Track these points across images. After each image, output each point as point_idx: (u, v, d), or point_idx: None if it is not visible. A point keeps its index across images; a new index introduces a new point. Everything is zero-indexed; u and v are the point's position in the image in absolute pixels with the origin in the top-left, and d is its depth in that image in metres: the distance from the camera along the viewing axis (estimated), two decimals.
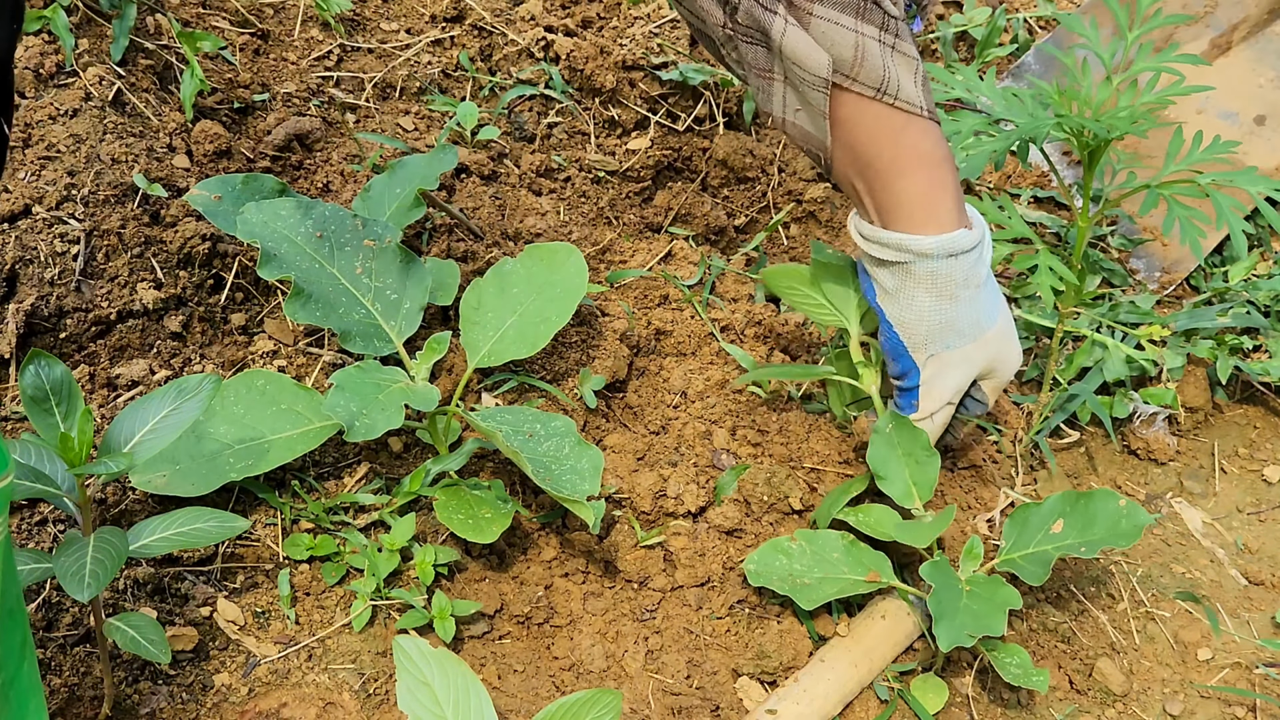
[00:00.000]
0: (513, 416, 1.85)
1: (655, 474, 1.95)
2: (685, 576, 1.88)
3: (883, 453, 1.89)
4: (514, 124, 2.43)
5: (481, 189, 2.28)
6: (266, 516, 1.80)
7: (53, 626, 1.62)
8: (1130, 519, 1.81)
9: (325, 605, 1.75)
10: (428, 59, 2.48)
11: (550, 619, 1.82)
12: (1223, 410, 2.24)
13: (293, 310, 1.80)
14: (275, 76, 2.34)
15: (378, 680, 1.69)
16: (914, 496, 1.89)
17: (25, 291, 1.81)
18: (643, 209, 2.39)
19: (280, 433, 1.78)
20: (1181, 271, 2.32)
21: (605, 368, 2.04)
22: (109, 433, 1.52)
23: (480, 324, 1.91)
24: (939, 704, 1.76)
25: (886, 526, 1.86)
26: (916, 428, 1.89)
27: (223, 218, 1.90)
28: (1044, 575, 1.77)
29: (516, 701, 1.70)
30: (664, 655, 1.80)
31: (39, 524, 1.70)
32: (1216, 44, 2.45)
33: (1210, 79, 2.31)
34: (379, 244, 1.88)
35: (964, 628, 1.69)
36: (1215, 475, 2.17)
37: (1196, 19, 2.50)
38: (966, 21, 2.67)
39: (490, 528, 1.74)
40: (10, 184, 1.86)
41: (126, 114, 2.04)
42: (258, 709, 1.62)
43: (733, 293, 2.29)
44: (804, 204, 2.45)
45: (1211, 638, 1.93)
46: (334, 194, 2.17)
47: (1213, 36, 2.48)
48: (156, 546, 1.53)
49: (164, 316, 1.91)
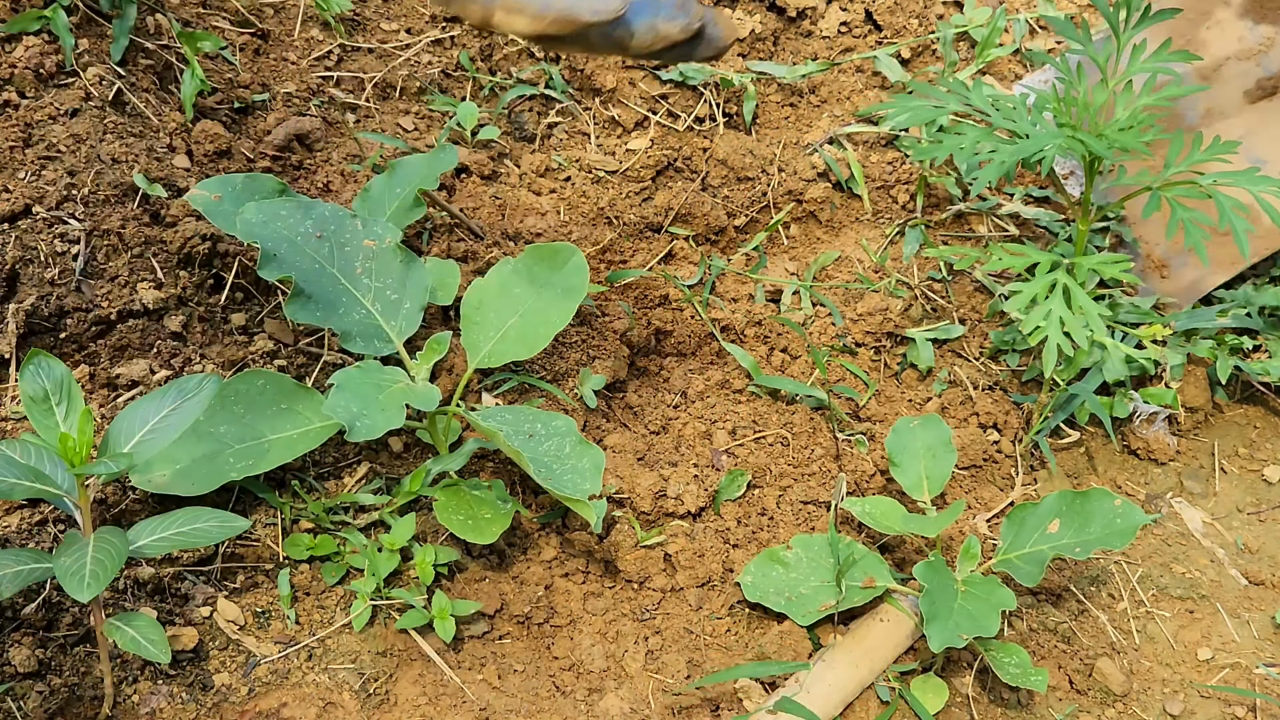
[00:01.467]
0: (513, 416, 1.85)
1: (655, 474, 1.95)
2: (685, 577, 1.88)
3: (903, 440, 1.94)
4: (514, 124, 2.43)
5: (482, 189, 2.28)
6: (266, 516, 1.80)
7: (53, 626, 1.62)
8: (1126, 518, 1.82)
9: (325, 605, 1.75)
10: (428, 59, 2.48)
11: (550, 619, 1.82)
12: (1223, 410, 2.24)
13: (293, 310, 1.80)
14: (275, 76, 2.34)
15: (378, 680, 1.69)
16: (924, 489, 1.90)
17: (25, 291, 1.81)
18: (643, 209, 2.39)
19: (280, 433, 1.78)
20: (1176, 306, 2.29)
21: (605, 368, 2.04)
22: (109, 433, 1.52)
23: (481, 324, 1.91)
24: (939, 704, 1.76)
25: (893, 519, 1.87)
26: (941, 422, 1.94)
27: (223, 218, 1.90)
28: (1039, 575, 1.77)
29: (516, 701, 1.70)
30: (664, 655, 1.80)
31: (39, 524, 1.70)
32: (1263, 85, 2.34)
33: (1249, 120, 2.26)
34: (379, 244, 1.89)
35: (957, 628, 1.69)
36: (1215, 475, 2.17)
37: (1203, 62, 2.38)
38: (966, 22, 2.67)
39: (490, 528, 1.74)
40: (10, 184, 1.86)
41: (126, 114, 2.04)
42: (258, 709, 1.62)
43: (733, 293, 2.29)
44: (804, 204, 2.45)
45: (1212, 638, 1.93)
46: (334, 194, 2.17)
47: (1260, 77, 2.34)
48: (156, 546, 1.53)
49: (164, 316, 1.91)
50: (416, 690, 1.68)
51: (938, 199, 2.44)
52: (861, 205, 2.45)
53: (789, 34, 2.68)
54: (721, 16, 1.68)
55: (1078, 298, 1.86)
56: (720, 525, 1.94)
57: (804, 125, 2.58)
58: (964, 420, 2.14)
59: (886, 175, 2.48)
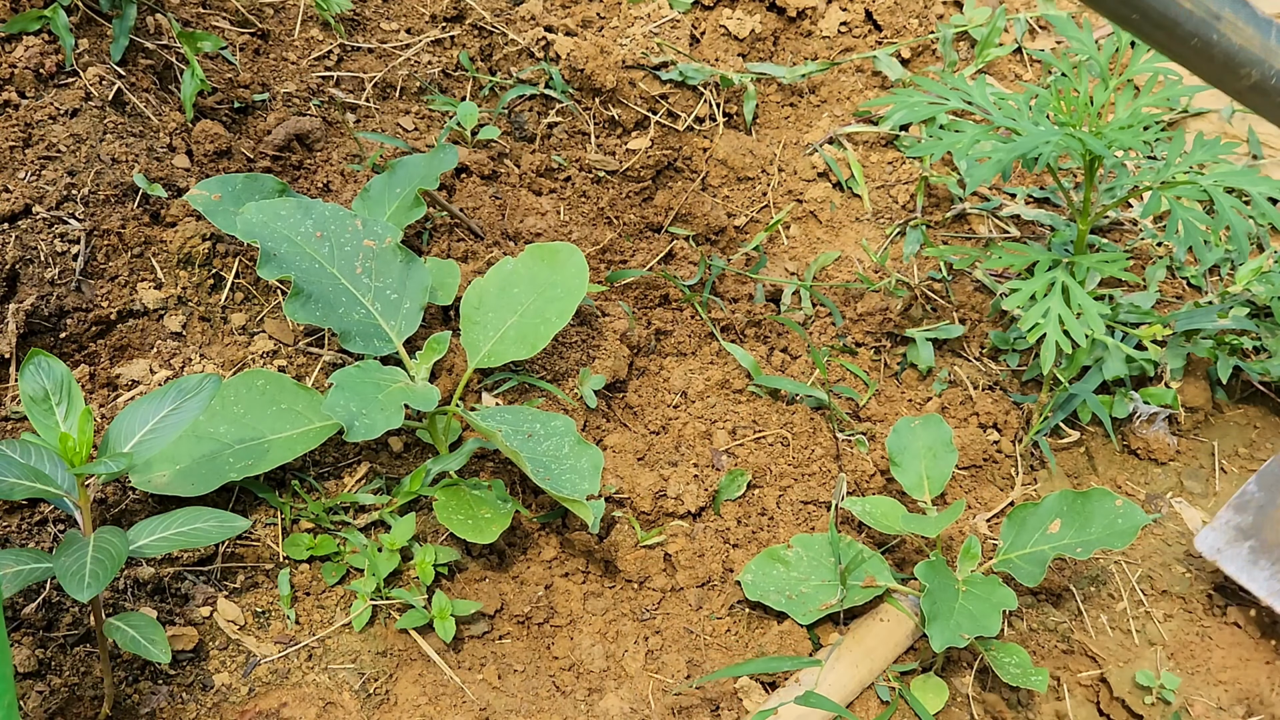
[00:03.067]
0: (513, 416, 1.85)
1: (655, 474, 1.95)
2: (685, 577, 1.88)
3: (903, 440, 1.94)
4: (514, 124, 2.43)
5: (481, 189, 2.28)
6: (266, 516, 1.80)
7: (53, 626, 1.62)
8: (1127, 518, 1.82)
9: (325, 605, 1.75)
10: (428, 59, 2.48)
11: (550, 619, 1.82)
12: (1223, 410, 2.24)
13: (293, 310, 1.80)
14: (275, 76, 2.34)
15: (378, 680, 1.69)
16: (925, 488, 1.91)
17: (26, 291, 1.81)
18: (643, 209, 2.39)
19: (280, 433, 1.78)
20: None
21: (605, 367, 2.04)
22: (109, 433, 1.52)
23: (480, 324, 1.91)
24: (939, 704, 1.76)
25: (893, 519, 1.87)
26: (942, 422, 1.94)
27: (223, 218, 1.90)
28: (1040, 575, 1.77)
29: (516, 701, 1.70)
30: (664, 655, 1.80)
31: (39, 524, 1.70)
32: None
33: None
34: (379, 244, 1.89)
35: (958, 628, 1.69)
36: (1215, 475, 2.17)
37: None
38: (966, 21, 2.67)
39: (490, 528, 1.74)
40: (10, 184, 1.86)
41: (126, 114, 2.04)
42: (258, 709, 1.62)
43: (733, 293, 2.29)
44: (804, 204, 2.45)
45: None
46: (334, 194, 2.17)
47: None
48: (156, 546, 1.53)
49: (164, 316, 1.91)
50: (416, 690, 1.68)
51: (938, 199, 2.44)
52: (861, 205, 2.45)
53: (789, 34, 2.68)
54: None
55: (1076, 296, 1.86)
56: (720, 525, 1.94)
57: (804, 125, 2.58)
58: (964, 420, 2.14)
59: (886, 175, 2.48)
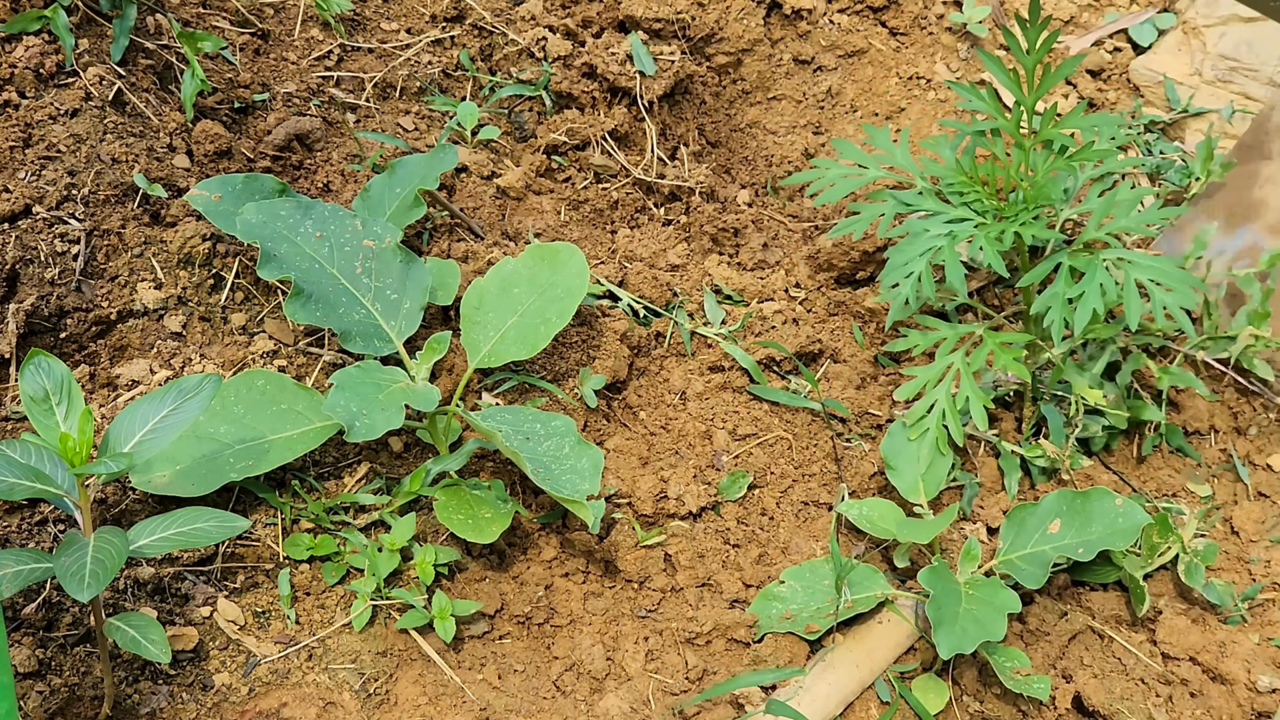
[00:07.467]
0: (513, 416, 1.85)
1: (655, 475, 1.95)
2: (685, 577, 1.88)
3: (897, 445, 1.93)
4: (514, 124, 2.43)
5: (482, 189, 2.28)
6: (266, 516, 1.80)
7: (53, 626, 1.62)
8: (1128, 518, 1.81)
9: (325, 605, 1.75)
10: (428, 59, 2.47)
11: (550, 619, 1.82)
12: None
13: (293, 310, 1.80)
14: (275, 76, 2.34)
15: (378, 680, 1.69)
16: (920, 492, 1.90)
17: (26, 291, 1.81)
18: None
19: (280, 433, 1.78)
20: None
21: (606, 368, 2.04)
22: (109, 433, 1.52)
23: (481, 324, 1.91)
24: (939, 704, 1.75)
25: (889, 523, 1.87)
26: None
27: (223, 218, 1.90)
28: (1043, 577, 1.77)
29: (516, 701, 1.70)
30: (664, 655, 1.80)
31: (39, 524, 1.70)
32: None
33: None
34: (379, 244, 1.89)
35: (964, 634, 1.68)
36: (1215, 475, 2.17)
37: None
38: (966, 20, 2.67)
39: (490, 528, 1.74)
40: (10, 184, 1.86)
41: (127, 114, 2.04)
42: (258, 709, 1.62)
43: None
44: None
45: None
46: (334, 194, 2.17)
47: None
48: (156, 546, 1.53)
49: (164, 316, 1.91)
50: (416, 690, 1.68)
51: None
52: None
53: (789, 35, 2.68)
54: None
55: (966, 387, 1.87)
56: (720, 525, 1.94)
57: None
58: None
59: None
